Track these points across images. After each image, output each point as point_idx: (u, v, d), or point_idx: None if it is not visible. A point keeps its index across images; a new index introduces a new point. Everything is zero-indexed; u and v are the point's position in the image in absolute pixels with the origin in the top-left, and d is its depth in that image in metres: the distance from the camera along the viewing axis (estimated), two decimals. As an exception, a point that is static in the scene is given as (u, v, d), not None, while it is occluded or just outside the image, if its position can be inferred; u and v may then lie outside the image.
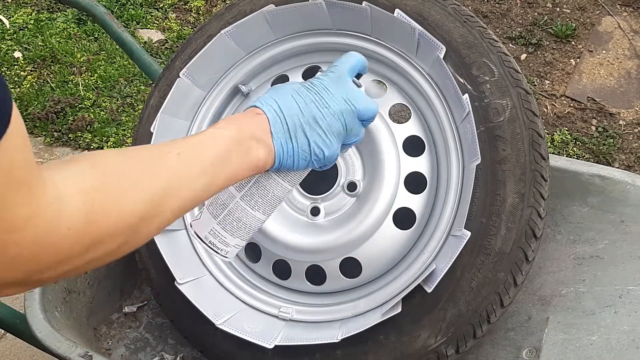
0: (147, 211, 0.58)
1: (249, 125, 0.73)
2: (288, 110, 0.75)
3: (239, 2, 1.17)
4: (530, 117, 0.96)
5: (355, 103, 0.80)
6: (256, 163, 0.73)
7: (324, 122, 0.77)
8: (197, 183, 0.65)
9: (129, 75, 2.79)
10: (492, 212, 0.93)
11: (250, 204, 0.81)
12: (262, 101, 0.76)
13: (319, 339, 0.98)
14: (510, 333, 1.05)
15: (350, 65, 0.84)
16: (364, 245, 1.03)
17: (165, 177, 0.62)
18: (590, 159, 2.34)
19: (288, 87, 0.78)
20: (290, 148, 0.75)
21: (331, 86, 0.79)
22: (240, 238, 0.83)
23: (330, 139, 0.78)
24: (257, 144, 0.73)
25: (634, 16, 2.90)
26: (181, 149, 0.66)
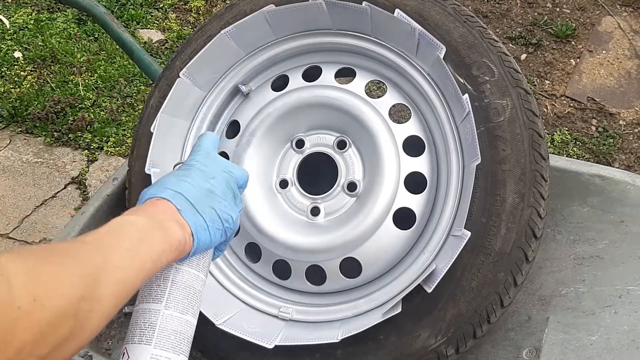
0: (86, 292, 0.58)
1: (156, 210, 0.72)
2: (183, 189, 0.75)
3: (239, 2, 1.17)
4: (530, 117, 0.96)
5: (232, 170, 0.83)
6: (177, 243, 0.71)
7: (218, 190, 0.78)
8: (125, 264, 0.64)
9: (129, 75, 2.79)
10: (492, 212, 0.93)
11: (179, 309, 0.74)
12: (154, 192, 0.75)
13: (319, 339, 0.98)
14: (510, 333, 1.05)
15: (210, 142, 0.86)
16: (364, 245, 1.03)
17: (91, 259, 0.61)
18: (590, 159, 2.34)
19: (168, 176, 0.78)
20: (201, 221, 0.75)
21: (205, 161, 0.81)
22: (183, 353, 0.74)
23: (230, 204, 0.79)
24: (172, 223, 0.71)
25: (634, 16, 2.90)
26: (96, 237, 0.65)
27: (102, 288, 0.60)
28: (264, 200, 1.11)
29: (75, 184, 2.43)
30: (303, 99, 1.12)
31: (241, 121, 1.17)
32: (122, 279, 0.63)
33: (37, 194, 2.38)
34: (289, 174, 1.14)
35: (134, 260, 0.65)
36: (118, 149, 2.51)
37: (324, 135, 1.13)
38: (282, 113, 1.13)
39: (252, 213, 1.10)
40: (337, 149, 1.11)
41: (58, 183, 2.43)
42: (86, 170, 2.47)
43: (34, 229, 2.27)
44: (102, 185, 1.26)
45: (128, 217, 0.70)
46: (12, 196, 2.38)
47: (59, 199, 2.38)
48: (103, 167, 2.48)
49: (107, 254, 0.63)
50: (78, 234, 1.15)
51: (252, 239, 1.11)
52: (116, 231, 0.67)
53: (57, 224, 2.27)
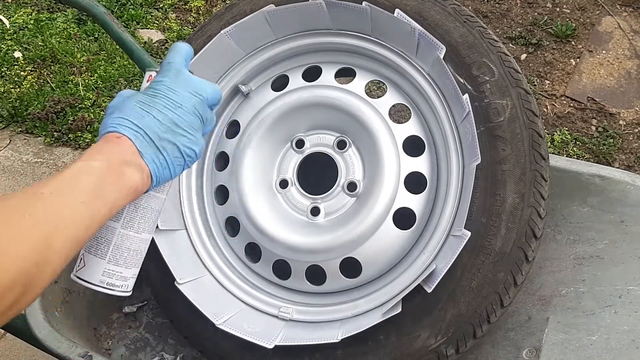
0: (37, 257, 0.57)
1: (114, 152, 0.70)
2: (145, 123, 0.73)
3: (239, 2, 1.17)
4: (530, 117, 0.96)
5: (202, 92, 0.79)
6: (134, 188, 0.70)
7: (183, 122, 0.75)
8: (78, 220, 0.63)
9: (129, 75, 2.79)
10: (492, 212, 0.93)
11: (135, 229, 0.79)
12: (115, 124, 0.73)
13: (319, 339, 0.98)
14: (510, 333, 1.05)
15: (181, 56, 0.81)
16: (364, 245, 1.03)
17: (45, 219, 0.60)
18: (590, 159, 2.34)
19: (132, 102, 0.75)
20: (162, 160, 0.74)
21: (174, 84, 0.77)
22: (135, 267, 0.81)
23: (195, 136, 0.77)
24: (129, 167, 0.70)
25: (634, 16, 2.90)
26: (53, 188, 0.63)
27: (53, 249, 0.60)
28: (264, 200, 1.11)
29: (75, 184, 2.43)
30: (303, 99, 1.12)
31: (241, 121, 1.17)
32: (75, 236, 0.63)
33: (37, 194, 2.38)
34: (289, 174, 1.14)
35: (87, 213, 0.64)
36: (118, 149, 2.50)
37: (324, 135, 1.13)
38: (282, 113, 1.13)
39: (252, 213, 1.10)
40: (337, 149, 1.11)
41: (58, 183, 2.43)
42: (86, 170, 2.47)
43: (34, 229, 2.27)
44: (102, 185, 1.26)
45: (86, 163, 0.68)
46: (12, 196, 2.38)
47: (59, 199, 2.37)
48: (103, 167, 2.48)
49: (62, 209, 0.62)
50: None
51: (252, 239, 1.11)
52: (73, 180, 0.66)
53: (57, 224, 2.27)
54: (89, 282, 0.79)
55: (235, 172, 1.13)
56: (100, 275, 0.79)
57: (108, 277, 0.79)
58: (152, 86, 0.78)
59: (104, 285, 0.79)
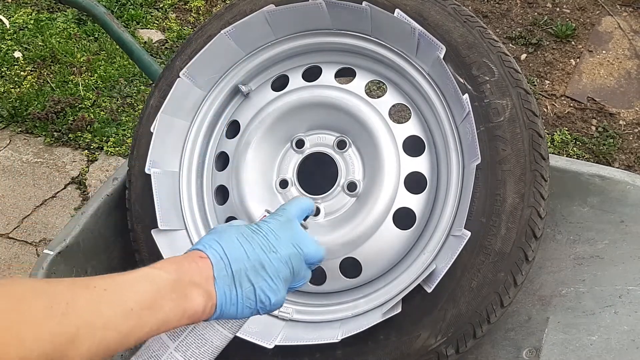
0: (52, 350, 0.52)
1: (189, 269, 0.67)
2: (233, 254, 0.71)
3: (239, 2, 1.17)
4: (530, 117, 0.96)
5: (303, 247, 0.77)
6: (193, 312, 0.66)
7: (271, 268, 0.72)
8: (117, 325, 0.58)
9: (129, 75, 2.79)
10: (492, 212, 0.93)
11: (186, 356, 0.73)
12: (206, 244, 0.71)
13: (319, 339, 0.98)
14: (510, 333, 1.05)
15: (299, 209, 0.81)
16: (364, 245, 1.03)
17: (81, 314, 0.55)
18: (590, 159, 2.34)
19: (233, 230, 0.74)
20: (233, 295, 0.70)
21: (279, 230, 0.76)
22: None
23: (277, 284, 0.73)
24: (197, 289, 0.67)
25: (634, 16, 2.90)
26: (108, 285, 0.59)
27: (78, 348, 0.55)
28: (264, 200, 1.11)
29: (75, 184, 2.43)
30: (303, 99, 1.12)
31: (241, 121, 1.17)
32: (107, 340, 0.58)
33: (37, 194, 2.38)
34: (289, 174, 1.14)
35: (131, 321, 0.60)
36: (118, 149, 2.51)
37: (324, 135, 1.13)
38: (282, 113, 1.13)
39: (252, 213, 1.10)
40: (337, 149, 1.11)
41: (58, 183, 2.43)
42: (86, 170, 2.47)
43: (34, 229, 2.27)
44: (102, 185, 1.26)
45: (154, 271, 0.65)
46: (12, 196, 2.38)
47: (59, 199, 2.38)
48: (103, 167, 2.48)
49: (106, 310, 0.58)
50: (78, 234, 1.15)
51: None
52: (133, 284, 0.62)
53: (57, 224, 2.27)
54: None
55: (235, 172, 1.13)
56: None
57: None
58: (259, 223, 0.77)
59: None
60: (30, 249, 2.21)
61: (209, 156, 1.20)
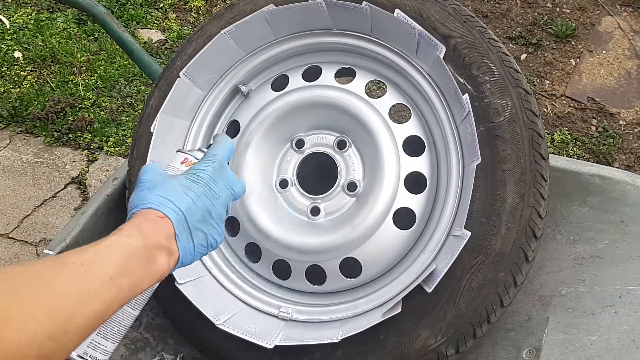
0: (54, 329, 0.55)
1: (153, 232, 0.70)
2: (186, 209, 0.74)
3: (239, 2, 1.17)
4: (530, 117, 0.96)
5: (234, 187, 0.82)
6: (161, 272, 0.70)
7: (215, 213, 0.77)
8: (103, 296, 0.61)
9: (129, 75, 2.79)
10: (492, 212, 0.93)
11: (132, 304, 0.77)
12: (158, 202, 0.73)
13: (319, 339, 0.98)
14: (510, 333, 1.05)
15: (227, 152, 0.85)
16: (364, 245, 1.03)
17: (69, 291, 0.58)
18: (590, 159, 2.34)
19: (175, 184, 0.76)
20: (190, 247, 0.74)
21: (216, 176, 0.80)
22: (117, 341, 0.78)
23: (220, 227, 0.79)
24: (161, 252, 0.70)
25: (634, 16, 2.90)
26: (85, 259, 0.62)
27: (74, 323, 0.57)
28: (264, 200, 1.11)
29: (75, 184, 2.43)
30: (303, 99, 1.12)
31: (241, 121, 1.17)
32: (97, 311, 0.61)
33: (37, 194, 2.38)
34: (289, 174, 1.14)
35: (113, 290, 0.63)
36: (118, 149, 2.51)
37: (324, 135, 1.13)
38: (282, 113, 1.13)
39: (252, 213, 1.10)
40: (337, 149, 1.11)
41: (58, 183, 2.43)
42: (86, 170, 2.47)
43: (34, 229, 2.27)
44: (102, 185, 1.26)
45: (122, 238, 0.68)
46: (12, 196, 2.38)
47: (59, 199, 2.38)
48: (103, 167, 2.48)
49: (89, 283, 0.61)
50: (78, 234, 1.15)
51: (252, 239, 1.11)
52: (106, 254, 0.65)
53: (57, 224, 2.27)
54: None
55: (235, 172, 1.13)
56: (86, 346, 0.75)
57: (93, 349, 0.76)
58: (195, 173, 0.79)
59: (86, 357, 0.75)
60: (30, 249, 2.21)
61: (209, 156, 1.20)
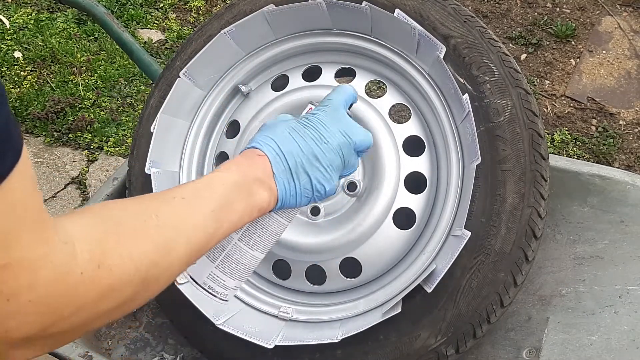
0: (157, 258, 0.58)
1: (251, 168, 0.72)
2: (288, 149, 0.75)
3: (239, 2, 1.17)
4: (530, 117, 0.96)
5: (352, 136, 0.80)
6: (259, 207, 0.72)
7: (324, 158, 0.76)
8: (203, 229, 0.64)
9: (129, 75, 2.79)
10: (492, 212, 0.93)
11: (249, 244, 0.80)
12: (261, 141, 0.75)
13: (319, 339, 0.98)
14: (510, 333, 1.05)
15: (344, 98, 0.83)
16: (364, 245, 1.03)
17: (171, 222, 0.61)
18: (590, 159, 2.34)
19: (284, 125, 0.77)
20: (292, 187, 0.75)
21: (328, 121, 0.79)
22: (239, 279, 0.81)
23: (330, 174, 0.78)
24: (260, 187, 0.72)
25: (634, 16, 2.90)
26: (185, 194, 0.65)
27: (175, 253, 0.60)
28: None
29: (75, 184, 2.43)
30: (303, 99, 1.12)
31: (241, 121, 1.17)
32: (198, 243, 0.63)
33: (37, 194, 2.38)
34: (289, 174, 1.14)
35: (214, 222, 0.65)
36: (118, 149, 2.51)
37: (324, 135, 1.13)
38: (282, 113, 1.13)
39: (252, 213, 1.10)
40: (337, 149, 1.11)
41: (58, 183, 2.43)
42: (86, 170, 2.47)
43: (34, 229, 2.26)
44: (102, 185, 1.26)
45: (221, 174, 0.70)
46: (12, 196, 2.38)
47: (59, 199, 2.38)
48: (103, 167, 2.48)
49: (190, 215, 0.63)
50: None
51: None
52: (206, 188, 0.68)
53: (57, 224, 2.27)
54: (192, 280, 0.79)
55: (235, 172, 1.13)
56: (205, 277, 0.79)
57: (212, 281, 0.79)
58: (307, 116, 0.80)
59: (205, 287, 0.79)
60: (30, 249, 2.21)
61: (209, 156, 1.20)
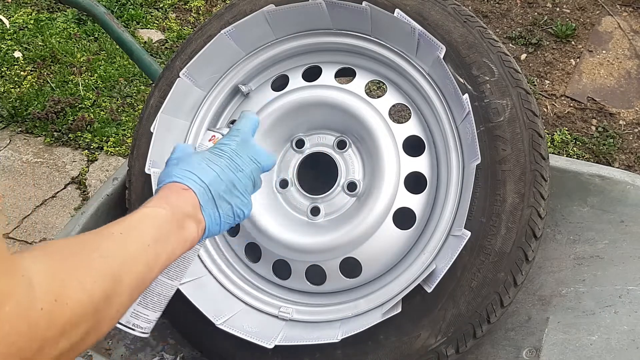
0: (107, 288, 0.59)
1: (180, 203, 0.74)
2: (209, 180, 0.78)
3: (239, 2, 1.17)
4: (530, 117, 0.96)
5: (261, 160, 0.85)
6: (191, 239, 0.74)
7: (240, 185, 0.81)
8: (143, 260, 0.66)
9: (129, 75, 2.79)
10: (492, 212, 0.93)
11: (170, 276, 0.82)
12: (182, 175, 0.78)
13: (319, 339, 0.98)
14: (510, 333, 1.05)
15: (251, 126, 0.88)
16: (364, 245, 1.03)
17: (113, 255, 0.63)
18: (590, 159, 2.34)
19: (199, 157, 0.80)
20: (217, 216, 0.78)
21: (239, 149, 0.84)
22: (159, 311, 0.83)
23: (247, 199, 0.82)
24: (190, 220, 0.74)
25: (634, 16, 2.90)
26: (122, 229, 0.67)
27: (122, 284, 0.62)
28: (264, 200, 1.11)
29: (75, 184, 2.43)
30: (303, 99, 1.12)
31: (241, 121, 1.17)
32: (141, 274, 0.65)
33: (37, 194, 2.38)
34: (289, 173, 1.14)
35: (151, 255, 0.67)
36: (118, 149, 2.51)
37: (324, 135, 1.13)
38: (282, 113, 1.13)
39: (252, 213, 1.09)
40: (337, 149, 1.11)
41: (58, 183, 2.43)
42: (86, 170, 2.47)
43: (34, 229, 2.27)
44: (102, 185, 1.26)
45: (152, 209, 0.72)
46: (12, 196, 2.38)
47: (59, 199, 2.38)
48: (103, 167, 2.48)
49: (130, 248, 0.65)
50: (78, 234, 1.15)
51: (252, 239, 1.11)
52: (140, 223, 0.70)
53: (57, 224, 2.27)
54: None
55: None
56: (129, 315, 0.81)
57: (135, 318, 0.81)
58: (219, 147, 0.84)
59: (129, 325, 0.81)
60: (30, 249, 2.21)
61: (209, 156, 1.20)
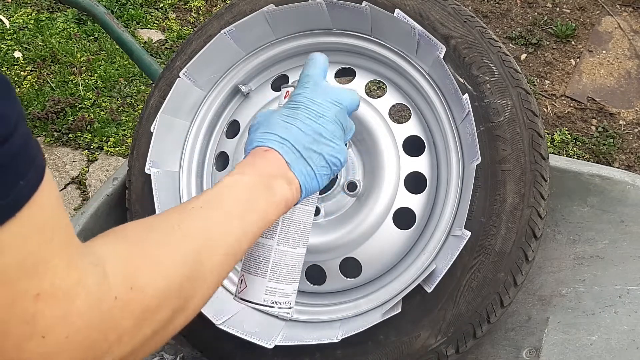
0: (188, 270, 0.55)
1: (264, 166, 0.71)
2: (290, 136, 0.73)
3: (239, 2, 1.17)
4: (530, 117, 0.96)
5: (342, 101, 0.79)
6: (284, 200, 0.70)
7: (326, 132, 0.76)
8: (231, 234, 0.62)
9: (129, 75, 2.79)
10: (492, 212, 0.93)
11: (290, 244, 0.79)
12: (262, 139, 0.74)
13: (319, 339, 0.98)
14: (510, 333, 1.05)
15: (320, 69, 0.82)
16: (364, 245, 1.03)
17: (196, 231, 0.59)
18: (590, 159, 2.34)
19: (276, 116, 0.76)
20: (310, 171, 0.74)
21: (315, 96, 0.78)
22: (295, 282, 0.80)
23: (338, 144, 0.77)
24: (279, 180, 0.70)
25: (634, 16, 2.90)
26: (204, 202, 0.63)
27: (206, 263, 0.58)
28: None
29: (75, 184, 2.43)
30: (303, 99, 1.12)
31: (241, 121, 1.17)
32: (228, 251, 0.61)
33: (37, 194, 2.38)
34: (289, 174, 1.14)
35: (240, 227, 0.63)
36: (118, 149, 2.51)
37: (324, 135, 1.13)
38: (282, 113, 1.13)
39: (252, 213, 1.10)
40: (337, 149, 1.11)
41: (58, 183, 2.43)
42: (86, 170, 2.47)
43: (34, 229, 2.26)
44: (102, 185, 1.26)
45: (236, 177, 0.68)
46: (12, 196, 2.38)
47: (59, 199, 2.37)
48: (103, 167, 2.48)
49: (214, 223, 0.61)
50: (78, 234, 1.15)
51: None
52: (224, 194, 0.66)
53: (57, 224, 2.27)
54: (253, 303, 0.78)
55: (235, 172, 1.13)
56: (264, 294, 0.78)
57: (271, 295, 0.79)
58: (293, 99, 0.78)
59: (268, 304, 0.79)
60: (30, 249, 2.20)
61: (209, 156, 1.20)
